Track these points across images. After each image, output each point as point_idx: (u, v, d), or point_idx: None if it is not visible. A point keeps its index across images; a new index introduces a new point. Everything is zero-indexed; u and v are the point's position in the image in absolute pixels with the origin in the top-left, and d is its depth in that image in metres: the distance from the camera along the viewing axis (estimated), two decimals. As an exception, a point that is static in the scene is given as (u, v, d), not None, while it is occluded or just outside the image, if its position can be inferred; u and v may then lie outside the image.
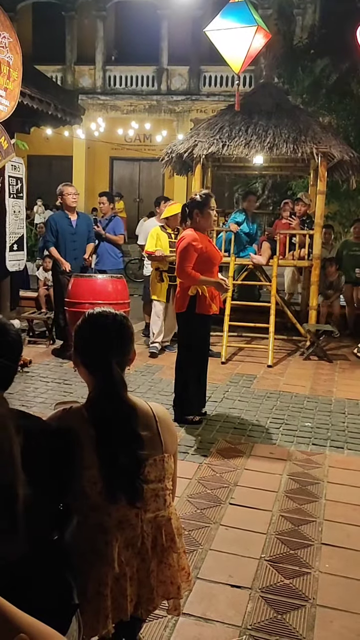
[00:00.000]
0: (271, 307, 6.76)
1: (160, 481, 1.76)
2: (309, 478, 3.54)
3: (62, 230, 6.38)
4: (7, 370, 1.59)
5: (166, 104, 18.47)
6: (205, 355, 4.61)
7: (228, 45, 5.37)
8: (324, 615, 2.30)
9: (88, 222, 6.74)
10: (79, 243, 6.46)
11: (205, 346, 4.62)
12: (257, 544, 2.79)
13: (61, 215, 6.56)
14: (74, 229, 6.43)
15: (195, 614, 2.27)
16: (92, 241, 6.67)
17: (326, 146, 6.68)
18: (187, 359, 4.46)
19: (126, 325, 1.79)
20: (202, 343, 4.51)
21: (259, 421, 4.56)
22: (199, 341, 4.45)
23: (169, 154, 7.36)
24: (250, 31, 5.19)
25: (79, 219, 6.51)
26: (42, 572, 1.48)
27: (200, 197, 4.34)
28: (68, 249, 6.36)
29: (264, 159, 7.96)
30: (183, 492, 3.27)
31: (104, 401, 1.69)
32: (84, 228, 6.52)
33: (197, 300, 4.26)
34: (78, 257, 6.42)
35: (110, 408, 1.68)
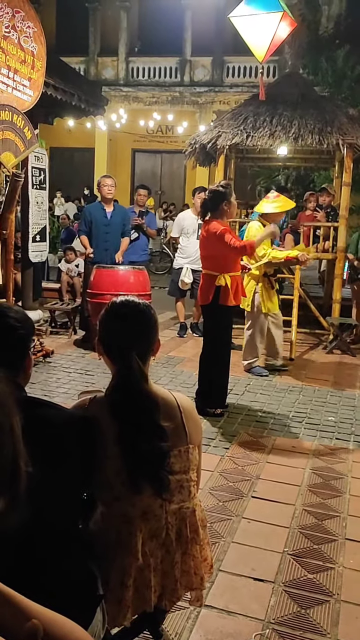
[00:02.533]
0: (294, 300, 6.69)
1: (185, 472, 1.74)
2: (333, 473, 3.49)
3: (96, 221, 6.38)
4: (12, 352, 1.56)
5: (189, 95, 18.36)
6: (229, 347, 4.58)
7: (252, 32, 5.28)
8: (348, 611, 2.27)
9: (124, 215, 6.70)
10: (112, 235, 6.44)
11: (229, 338, 4.59)
12: (280, 537, 2.77)
13: (97, 206, 6.58)
14: (108, 220, 6.41)
15: (218, 606, 2.26)
16: (127, 235, 6.64)
17: (353, 137, 6.56)
18: (212, 352, 4.44)
19: (149, 315, 1.76)
20: (226, 335, 4.48)
21: (281, 415, 4.52)
22: (224, 333, 4.42)
23: (192, 145, 7.30)
24: (275, 17, 5.10)
25: (114, 211, 6.50)
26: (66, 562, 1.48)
27: (224, 187, 4.33)
28: (100, 240, 6.36)
29: (288, 150, 7.84)
30: (205, 484, 3.25)
31: (123, 392, 1.67)
32: (118, 220, 6.50)
33: (221, 292, 4.24)
34: (109, 249, 6.40)
35: (129, 399, 1.66)
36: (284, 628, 2.15)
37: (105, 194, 6.41)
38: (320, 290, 9.23)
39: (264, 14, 5.14)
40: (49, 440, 1.51)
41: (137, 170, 20.61)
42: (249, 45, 5.49)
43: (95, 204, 6.78)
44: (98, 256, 6.28)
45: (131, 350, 1.69)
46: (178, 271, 7.02)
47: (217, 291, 4.23)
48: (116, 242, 6.46)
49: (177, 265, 7.11)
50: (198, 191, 7.00)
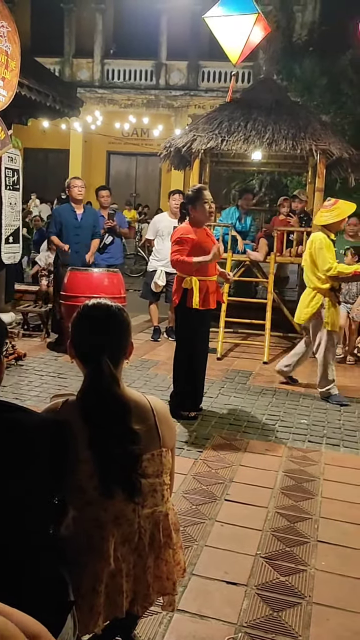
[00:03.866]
0: (267, 303, 6.74)
1: (158, 476, 1.73)
2: (305, 475, 3.52)
3: (67, 222, 6.32)
4: None
5: (164, 98, 18.41)
6: (203, 351, 4.56)
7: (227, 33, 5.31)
8: (320, 613, 2.28)
9: (94, 216, 6.66)
10: (83, 237, 6.40)
11: (202, 342, 4.56)
12: (253, 540, 2.77)
13: (67, 208, 6.51)
14: (78, 222, 6.36)
15: (191, 610, 2.25)
16: (97, 236, 6.60)
17: (325, 143, 6.65)
18: (183, 354, 4.43)
19: (121, 317, 1.75)
20: (197, 338, 4.45)
21: (255, 417, 4.54)
22: (194, 336, 4.40)
23: (167, 148, 7.31)
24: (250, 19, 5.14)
25: (84, 213, 6.44)
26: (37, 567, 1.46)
27: (192, 191, 4.34)
28: (71, 242, 6.30)
29: (263, 155, 7.91)
30: (178, 487, 3.24)
31: (94, 395, 1.66)
32: (89, 222, 6.45)
33: (187, 294, 4.24)
34: (80, 251, 6.35)
35: (100, 402, 1.65)
36: (256, 631, 2.15)
37: (75, 196, 6.36)
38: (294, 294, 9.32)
39: (238, 15, 5.18)
40: (19, 444, 1.48)
41: (112, 173, 20.57)
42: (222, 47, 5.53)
43: (65, 206, 6.70)
44: (69, 258, 6.23)
45: (102, 353, 1.67)
46: (152, 274, 7.01)
47: (185, 293, 4.23)
48: (87, 243, 6.42)
49: (151, 267, 7.10)
50: (173, 193, 7.01)
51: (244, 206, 7.73)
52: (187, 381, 4.45)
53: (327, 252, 4.81)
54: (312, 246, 4.94)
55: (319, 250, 4.83)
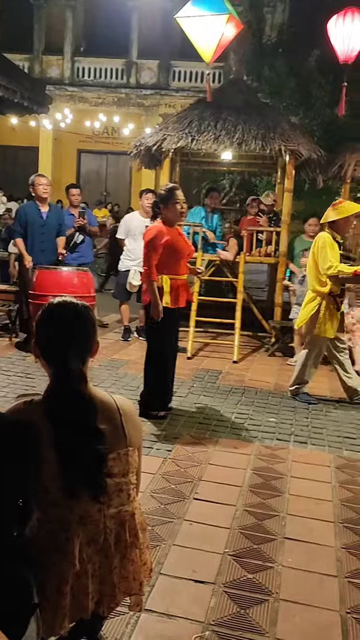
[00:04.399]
0: (237, 303, 6.78)
1: (124, 475, 1.72)
2: (273, 473, 3.55)
3: (32, 221, 6.23)
4: None
5: (135, 97, 18.36)
6: (173, 349, 4.56)
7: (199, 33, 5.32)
8: (286, 609, 2.30)
9: (59, 215, 6.60)
10: (48, 235, 6.32)
11: (172, 340, 4.56)
12: (221, 538, 2.78)
13: (31, 206, 6.41)
14: (44, 220, 6.28)
15: (158, 610, 2.24)
16: (63, 235, 6.54)
17: (294, 144, 6.72)
18: (153, 353, 4.41)
19: (87, 315, 1.74)
20: (167, 336, 4.44)
21: (224, 416, 4.56)
22: (163, 334, 4.39)
23: (138, 147, 7.28)
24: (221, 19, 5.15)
25: (50, 211, 6.36)
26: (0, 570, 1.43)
27: (165, 190, 4.34)
28: (36, 241, 6.21)
29: (233, 155, 7.96)
30: (147, 487, 3.24)
31: (60, 395, 1.64)
32: (54, 221, 6.37)
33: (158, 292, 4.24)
34: (46, 250, 6.26)
35: (66, 402, 1.63)
36: (223, 629, 2.16)
37: (41, 194, 6.27)
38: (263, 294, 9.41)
39: (210, 15, 5.19)
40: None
41: (83, 171, 20.41)
42: (195, 46, 5.53)
43: (29, 204, 6.60)
44: (35, 258, 6.14)
45: (70, 352, 1.66)
46: (125, 273, 6.97)
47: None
48: (52, 242, 6.34)
49: (123, 267, 7.06)
50: (145, 192, 6.99)
51: (210, 205, 7.75)
52: (157, 380, 4.44)
53: (329, 251, 4.69)
54: (316, 245, 4.83)
55: (321, 249, 4.72)
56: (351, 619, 2.26)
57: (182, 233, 4.62)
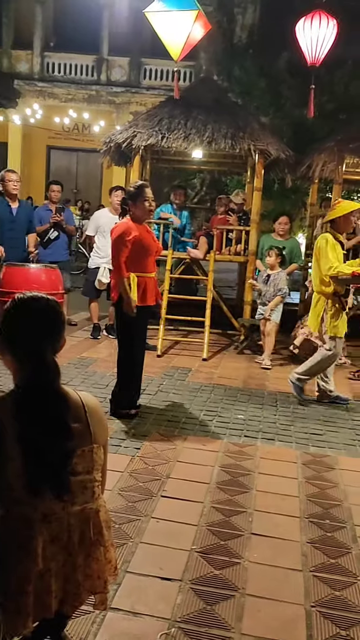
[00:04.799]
0: (207, 301, 6.80)
1: (89, 472, 1.71)
2: (241, 469, 3.57)
3: (1, 217, 6.16)
4: None
5: (105, 94, 18.24)
6: (141, 347, 4.55)
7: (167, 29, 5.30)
8: (252, 605, 2.31)
9: (29, 211, 6.55)
10: (18, 232, 6.25)
11: (140, 338, 4.54)
12: (188, 535, 2.78)
13: (1, 202, 6.32)
14: (13, 216, 6.22)
15: (124, 608, 2.23)
16: (33, 231, 6.49)
17: (264, 143, 6.77)
18: (123, 351, 4.38)
19: (59, 310, 1.74)
20: (136, 334, 4.42)
21: (193, 414, 4.56)
22: (132, 332, 4.36)
23: (107, 144, 7.25)
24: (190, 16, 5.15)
25: (19, 207, 6.30)
26: None
27: (134, 188, 4.32)
28: (5, 237, 6.14)
29: (203, 153, 7.98)
30: (114, 485, 3.22)
31: (36, 391, 1.62)
32: (24, 217, 6.32)
33: None
34: (15, 247, 6.20)
35: (42, 398, 1.61)
36: (189, 626, 2.16)
37: (11, 190, 6.20)
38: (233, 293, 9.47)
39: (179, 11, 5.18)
40: None
41: (52, 168, 20.17)
42: (164, 42, 5.51)
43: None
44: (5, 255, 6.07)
45: (44, 345, 1.64)
46: (94, 271, 6.93)
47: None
48: (22, 239, 6.28)
49: (93, 264, 7.01)
50: (115, 190, 6.96)
51: (175, 202, 7.76)
52: (129, 378, 4.41)
53: (330, 252, 4.64)
54: (317, 246, 4.78)
55: (322, 250, 4.68)
56: (315, 613, 2.29)
57: (151, 231, 4.61)
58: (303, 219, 11.04)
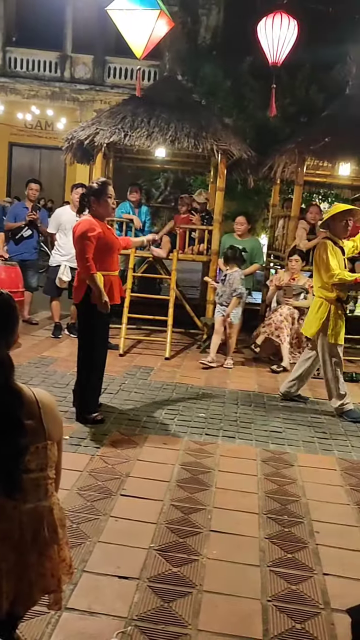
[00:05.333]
0: (170, 300, 6.80)
1: (42, 470, 1.68)
2: (201, 467, 3.57)
3: None
4: None
5: (69, 92, 18.08)
6: (103, 346, 4.49)
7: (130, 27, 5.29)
8: (209, 601, 2.32)
9: None
10: None
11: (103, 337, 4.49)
12: (147, 534, 2.77)
13: None
14: None
15: (80, 608, 2.20)
16: (2, 230, 6.42)
17: (226, 143, 6.80)
18: (86, 351, 4.30)
19: (12, 305, 1.71)
20: (99, 334, 4.37)
21: (154, 412, 4.55)
22: (97, 333, 4.30)
23: (70, 140, 7.16)
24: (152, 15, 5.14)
25: None
26: None
27: (97, 184, 4.25)
28: None
29: (166, 153, 7.97)
30: (73, 484, 3.18)
31: None
32: None
33: (91, 291, 4.14)
34: None
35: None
36: (146, 624, 2.15)
37: None
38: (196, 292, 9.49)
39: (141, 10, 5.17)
40: None
41: (14, 165, 19.84)
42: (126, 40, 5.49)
43: None
44: None
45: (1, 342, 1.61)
46: (55, 269, 6.84)
47: (89, 290, 4.13)
48: None
49: (54, 262, 6.92)
50: (76, 187, 6.88)
51: (131, 200, 7.75)
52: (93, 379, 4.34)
53: (330, 259, 4.55)
54: (317, 253, 4.71)
55: (321, 257, 4.61)
56: (272, 607, 2.30)
57: (111, 228, 4.56)
58: (266, 219, 11.15)
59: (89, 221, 4.15)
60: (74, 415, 4.23)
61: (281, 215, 7.80)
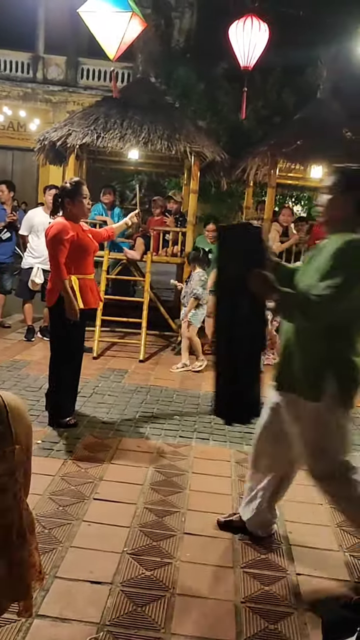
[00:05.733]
0: (144, 302, 6.77)
1: (10, 475, 1.64)
2: (175, 470, 3.56)
3: None
4: None
5: (42, 93, 17.94)
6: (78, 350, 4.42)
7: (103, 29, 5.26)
8: (182, 604, 2.30)
9: None
10: None
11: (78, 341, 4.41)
12: (120, 537, 2.75)
13: None
14: None
15: (52, 614, 2.17)
16: None
17: (199, 146, 6.82)
18: (59, 356, 4.23)
19: None
20: (75, 338, 4.29)
21: (128, 415, 4.52)
22: (71, 336, 4.23)
23: (42, 142, 7.10)
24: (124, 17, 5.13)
25: None
26: None
27: (71, 184, 4.16)
28: None
29: (140, 154, 7.96)
30: (45, 489, 3.14)
31: None
32: None
33: None
34: None
35: None
36: (118, 628, 2.13)
37: None
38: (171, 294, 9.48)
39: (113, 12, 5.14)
40: None
41: (-14, 166, 19.58)
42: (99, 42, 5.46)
43: None
44: None
45: None
46: (28, 271, 6.77)
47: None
48: None
49: (26, 264, 6.85)
50: (49, 188, 6.82)
51: (104, 201, 7.72)
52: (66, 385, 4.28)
53: None
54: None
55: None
56: (245, 608, 2.30)
57: (86, 230, 4.50)
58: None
59: (61, 224, 4.08)
60: (47, 419, 4.18)
61: (254, 218, 7.84)
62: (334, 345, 2.35)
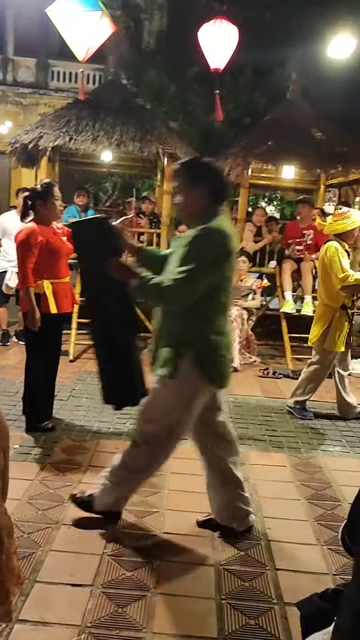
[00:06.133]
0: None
1: (-13, 479, 1.64)
2: (153, 470, 3.56)
3: None
4: None
5: (12, 95, 17.77)
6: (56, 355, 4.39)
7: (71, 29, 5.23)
8: (163, 603, 2.32)
9: None
10: None
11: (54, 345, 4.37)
12: (100, 540, 2.74)
13: None
14: None
15: (32, 619, 2.16)
16: None
17: (172, 147, 6.85)
18: (35, 360, 4.20)
19: None
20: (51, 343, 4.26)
21: (105, 418, 4.51)
22: (48, 341, 4.19)
23: (13, 144, 7.04)
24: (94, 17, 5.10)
25: None
26: None
27: (42, 186, 4.11)
28: None
29: (113, 156, 7.96)
30: (24, 493, 3.12)
31: None
32: None
33: (40, 299, 4.04)
34: None
35: None
36: (100, 630, 2.13)
37: None
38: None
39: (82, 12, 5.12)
40: None
41: None
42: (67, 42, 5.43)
43: None
44: None
45: None
46: (1, 275, 6.71)
47: (37, 298, 4.02)
48: None
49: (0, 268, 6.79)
50: (21, 191, 6.77)
51: (78, 203, 7.71)
52: (45, 388, 4.25)
53: (342, 260, 4.43)
54: (326, 255, 4.53)
55: (332, 259, 4.44)
56: (226, 605, 2.33)
57: (58, 232, 4.47)
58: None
59: (30, 229, 4.02)
60: (24, 423, 4.15)
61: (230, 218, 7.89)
62: (192, 325, 2.54)
